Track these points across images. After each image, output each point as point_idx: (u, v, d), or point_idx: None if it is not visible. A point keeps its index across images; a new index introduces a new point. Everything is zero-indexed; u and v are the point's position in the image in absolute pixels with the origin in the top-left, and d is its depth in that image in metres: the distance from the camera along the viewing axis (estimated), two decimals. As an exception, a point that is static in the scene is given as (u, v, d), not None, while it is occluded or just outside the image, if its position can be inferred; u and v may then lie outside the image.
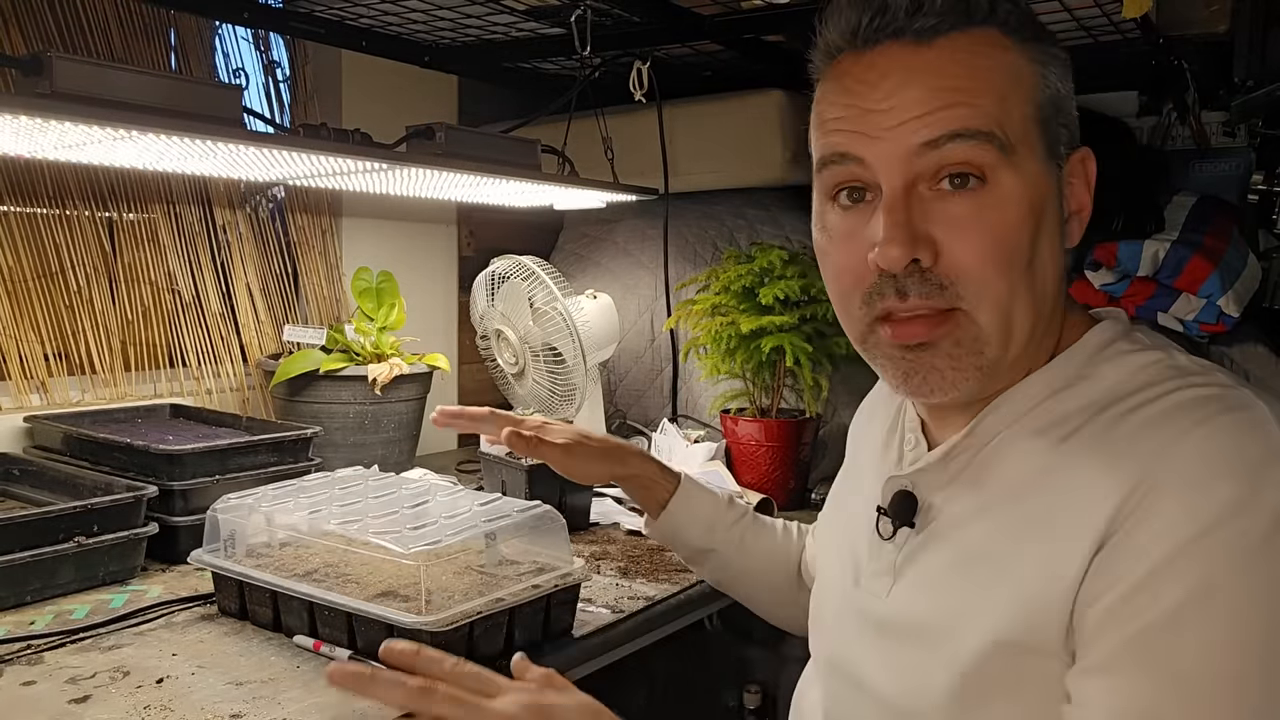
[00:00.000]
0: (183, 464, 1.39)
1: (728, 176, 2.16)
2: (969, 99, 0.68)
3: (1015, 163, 0.69)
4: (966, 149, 0.68)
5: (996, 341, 0.70)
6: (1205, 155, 2.01)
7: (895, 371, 0.73)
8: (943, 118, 0.68)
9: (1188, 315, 1.79)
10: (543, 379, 1.92)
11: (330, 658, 1.08)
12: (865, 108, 0.70)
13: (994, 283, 0.69)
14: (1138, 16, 1.37)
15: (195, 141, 1.15)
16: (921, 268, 0.69)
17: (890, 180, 0.70)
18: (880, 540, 0.81)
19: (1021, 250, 0.69)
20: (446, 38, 1.91)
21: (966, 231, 0.68)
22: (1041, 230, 0.70)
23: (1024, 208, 0.69)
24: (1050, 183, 0.71)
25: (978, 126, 0.68)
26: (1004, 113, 0.68)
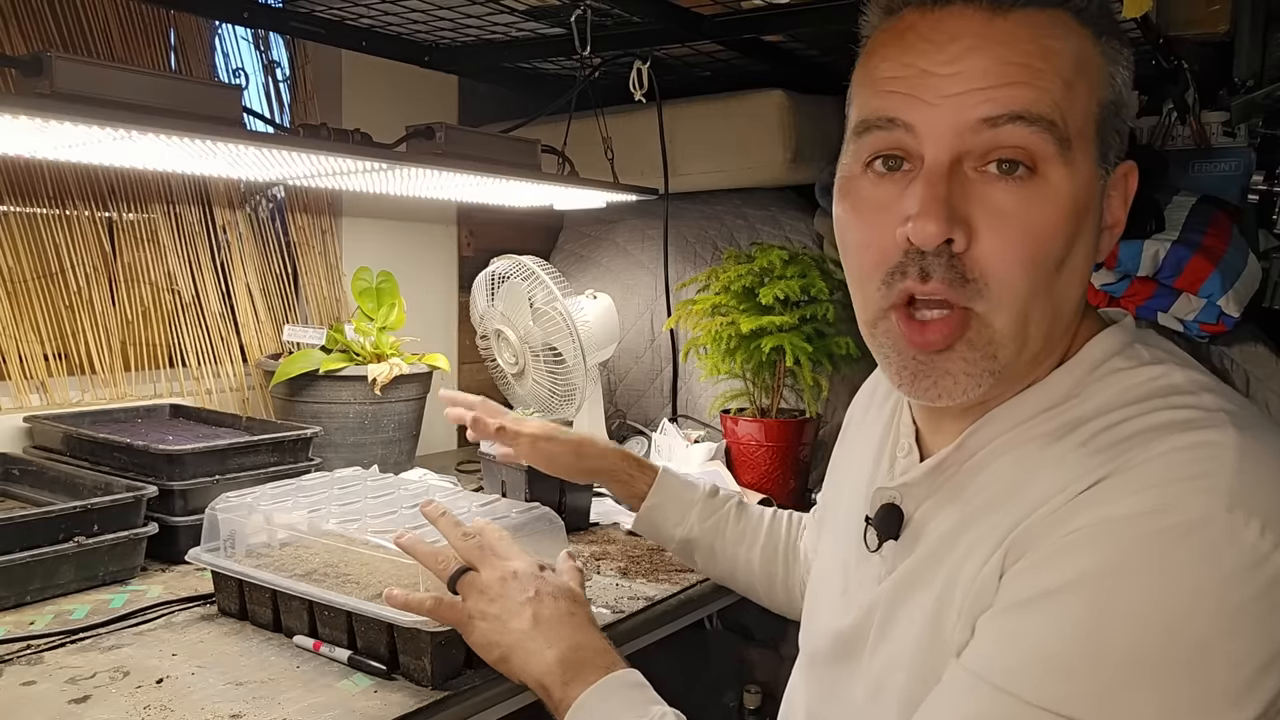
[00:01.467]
0: (182, 464, 1.39)
1: (728, 176, 2.15)
2: (1038, 80, 0.63)
3: (1069, 159, 0.64)
4: (1026, 134, 0.63)
5: (1011, 346, 0.67)
6: (1205, 155, 2.00)
7: (903, 370, 0.69)
8: (1008, 95, 0.63)
9: (1188, 315, 1.79)
10: (543, 379, 1.92)
11: (330, 658, 1.08)
12: (924, 68, 0.65)
13: (1018, 284, 0.65)
14: (1138, 16, 1.37)
15: (195, 141, 1.15)
16: (951, 251, 0.64)
17: (937, 152, 0.65)
18: (866, 552, 0.79)
19: (1055, 253, 0.65)
20: (446, 38, 1.91)
21: (1006, 222, 0.64)
22: (1079, 236, 0.66)
23: (1069, 208, 0.65)
24: (1096, 188, 0.67)
25: (1042, 112, 0.63)
26: (1069, 103, 0.64)
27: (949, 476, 0.73)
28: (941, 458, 0.74)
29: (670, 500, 1.19)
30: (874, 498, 0.79)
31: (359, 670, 1.06)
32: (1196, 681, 0.55)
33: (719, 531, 1.18)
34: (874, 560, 0.78)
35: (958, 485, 0.72)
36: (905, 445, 0.79)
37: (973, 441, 0.72)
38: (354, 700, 0.99)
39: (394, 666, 1.05)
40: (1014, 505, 0.66)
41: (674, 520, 1.19)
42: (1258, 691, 0.55)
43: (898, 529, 0.76)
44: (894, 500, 0.77)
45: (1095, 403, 0.68)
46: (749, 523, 1.19)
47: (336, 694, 1.01)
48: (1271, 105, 1.57)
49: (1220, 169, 2.00)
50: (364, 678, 1.04)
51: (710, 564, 1.20)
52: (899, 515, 0.76)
